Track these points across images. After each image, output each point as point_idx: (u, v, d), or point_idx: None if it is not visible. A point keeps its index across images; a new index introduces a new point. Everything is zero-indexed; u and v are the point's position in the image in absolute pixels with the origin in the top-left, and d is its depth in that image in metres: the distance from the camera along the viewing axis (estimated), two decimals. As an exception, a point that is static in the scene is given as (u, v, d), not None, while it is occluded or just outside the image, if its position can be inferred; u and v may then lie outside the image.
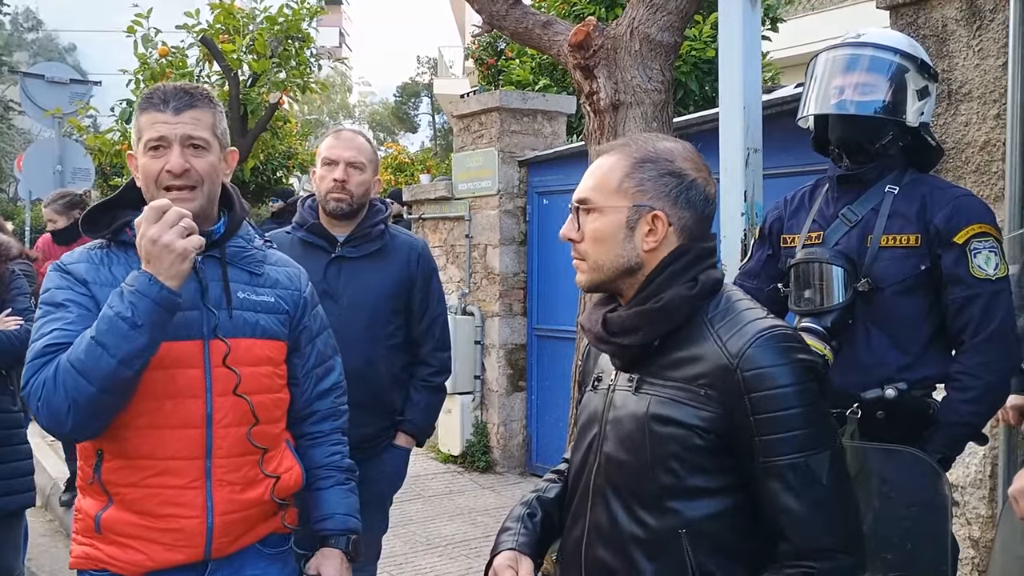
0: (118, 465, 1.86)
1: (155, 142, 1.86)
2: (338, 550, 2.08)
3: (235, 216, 2.01)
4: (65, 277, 1.87)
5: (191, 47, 7.29)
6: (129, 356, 1.70)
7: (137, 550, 1.85)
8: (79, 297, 1.84)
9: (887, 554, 2.15)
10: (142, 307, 1.69)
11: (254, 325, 1.96)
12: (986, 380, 2.30)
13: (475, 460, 6.84)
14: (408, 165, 16.45)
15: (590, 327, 1.65)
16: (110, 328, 1.69)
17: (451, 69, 29.66)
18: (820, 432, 1.47)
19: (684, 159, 1.60)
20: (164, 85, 1.92)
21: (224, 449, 1.89)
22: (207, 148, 1.90)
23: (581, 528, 1.65)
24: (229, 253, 1.97)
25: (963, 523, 3.41)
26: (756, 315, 1.53)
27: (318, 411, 2.14)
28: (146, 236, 1.71)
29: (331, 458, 2.15)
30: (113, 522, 1.86)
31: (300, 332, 2.08)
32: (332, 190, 2.92)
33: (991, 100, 3.35)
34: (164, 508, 1.85)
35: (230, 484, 1.89)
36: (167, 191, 1.85)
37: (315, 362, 2.13)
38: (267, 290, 2.01)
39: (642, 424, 1.55)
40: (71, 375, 1.70)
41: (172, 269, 1.71)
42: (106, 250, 1.93)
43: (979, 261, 2.31)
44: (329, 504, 2.11)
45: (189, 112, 1.88)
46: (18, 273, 3.63)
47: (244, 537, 1.95)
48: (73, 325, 1.79)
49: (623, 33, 3.50)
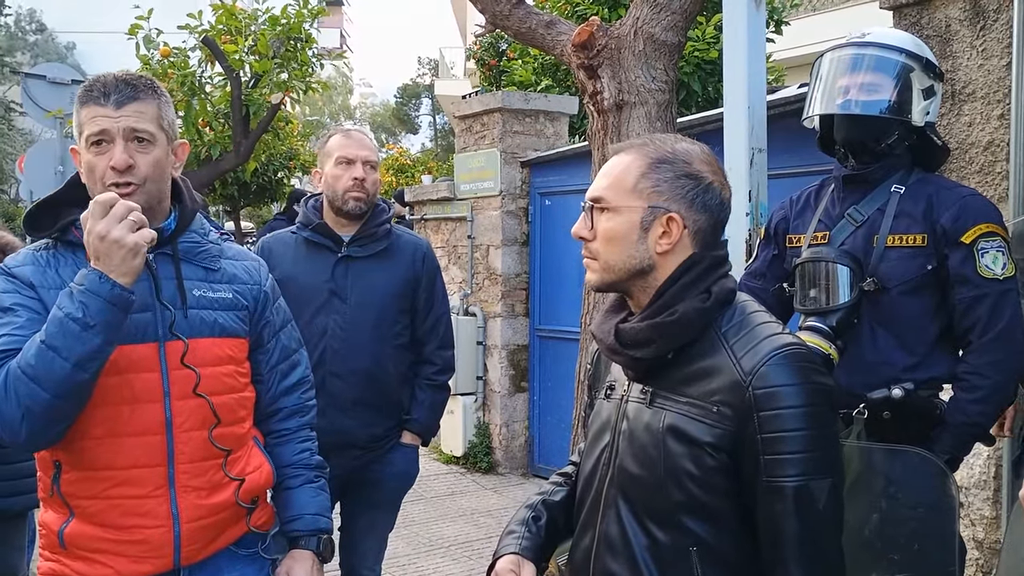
0: (77, 476, 1.78)
1: (97, 137, 1.77)
2: (309, 551, 2.02)
3: (186, 210, 1.92)
4: (11, 281, 1.77)
5: (193, 48, 7.28)
6: (83, 358, 1.61)
7: (104, 564, 1.79)
8: (27, 300, 1.75)
9: (894, 555, 2.14)
10: (94, 306, 1.61)
11: (212, 324, 1.88)
12: (994, 380, 2.29)
13: (477, 461, 6.84)
14: (409, 166, 16.46)
15: (602, 337, 1.63)
16: (61, 330, 1.60)
17: (452, 70, 29.66)
18: (825, 457, 1.45)
19: (701, 161, 1.58)
20: (104, 76, 1.81)
21: (187, 454, 1.82)
22: (152, 142, 1.80)
23: (591, 539, 1.63)
24: (182, 249, 1.89)
25: (967, 524, 3.40)
26: (771, 330, 1.51)
27: (284, 408, 2.08)
28: (94, 232, 1.62)
29: (299, 456, 2.09)
30: (77, 536, 1.79)
31: (262, 328, 2.02)
32: (352, 189, 2.92)
33: (995, 100, 3.34)
34: (127, 519, 1.78)
35: (195, 490, 1.83)
36: (114, 187, 1.75)
37: (279, 357, 2.06)
38: (224, 286, 1.93)
39: (656, 439, 1.53)
40: (23, 382, 1.61)
41: (124, 265, 1.63)
42: (52, 251, 1.83)
43: (986, 261, 2.31)
44: (298, 504, 2.05)
45: (132, 105, 1.78)
46: None
47: (215, 542, 1.90)
48: (22, 330, 1.69)
49: (627, 33, 3.50)
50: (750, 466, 1.46)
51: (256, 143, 7.62)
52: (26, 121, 24.11)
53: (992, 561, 3.31)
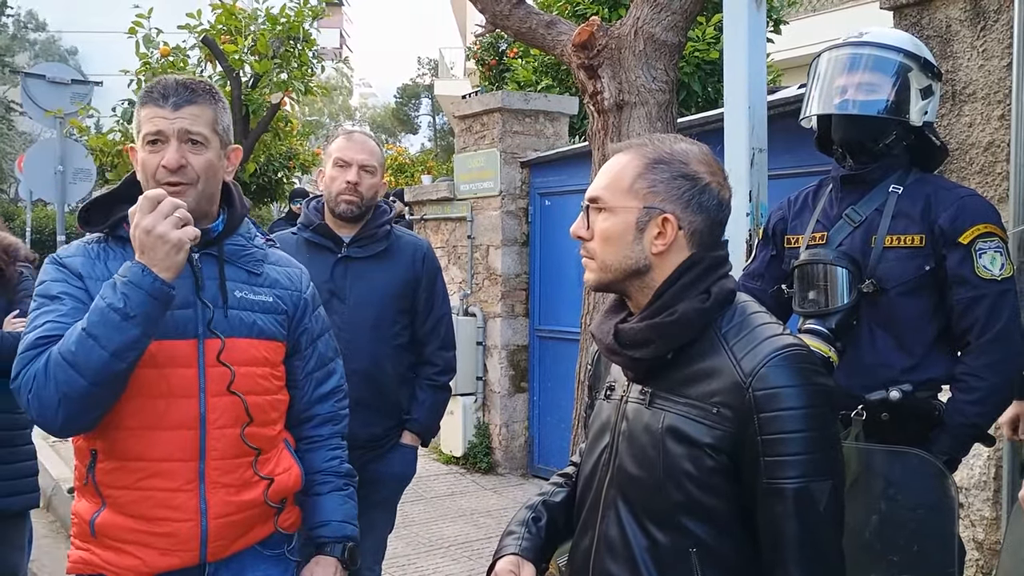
0: (112, 466, 1.82)
1: (153, 136, 1.83)
2: (333, 558, 2.04)
3: (235, 214, 1.97)
4: (61, 270, 1.84)
5: (193, 47, 7.28)
6: (121, 348, 1.65)
7: (132, 555, 1.81)
8: (74, 290, 1.81)
9: (893, 556, 2.15)
10: (135, 298, 1.65)
11: (251, 325, 1.92)
12: (992, 381, 2.29)
13: (477, 461, 6.84)
14: (409, 166, 16.46)
15: (602, 337, 1.63)
16: (102, 319, 1.65)
17: (452, 70, 29.67)
18: (825, 459, 1.45)
19: (699, 162, 1.58)
20: (165, 78, 1.88)
21: (218, 451, 1.85)
22: (205, 144, 1.85)
23: (590, 540, 1.63)
24: (227, 251, 1.93)
25: (967, 525, 3.40)
26: (771, 331, 1.51)
27: (318, 415, 2.10)
28: (140, 226, 1.67)
29: (329, 463, 2.11)
30: (108, 526, 1.82)
31: (300, 334, 2.04)
32: (344, 192, 2.93)
33: (995, 101, 3.34)
34: (157, 511, 1.81)
35: (225, 486, 1.86)
36: (166, 186, 1.80)
37: (315, 365, 2.09)
38: (266, 290, 1.97)
39: (656, 440, 1.53)
40: (62, 368, 1.66)
41: (167, 260, 1.67)
42: (103, 244, 1.89)
43: (984, 261, 2.30)
44: (326, 510, 2.07)
45: (188, 107, 1.84)
46: (26, 275, 3.63)
47: (241, 539, 1.92)
48: (66, 317, 1.75)
49: (627, 33, 3.50)
50: (750, 468, 1.46)
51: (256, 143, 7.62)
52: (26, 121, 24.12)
53: (992, 562, 3.31)
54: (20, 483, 3.32)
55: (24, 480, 3.35)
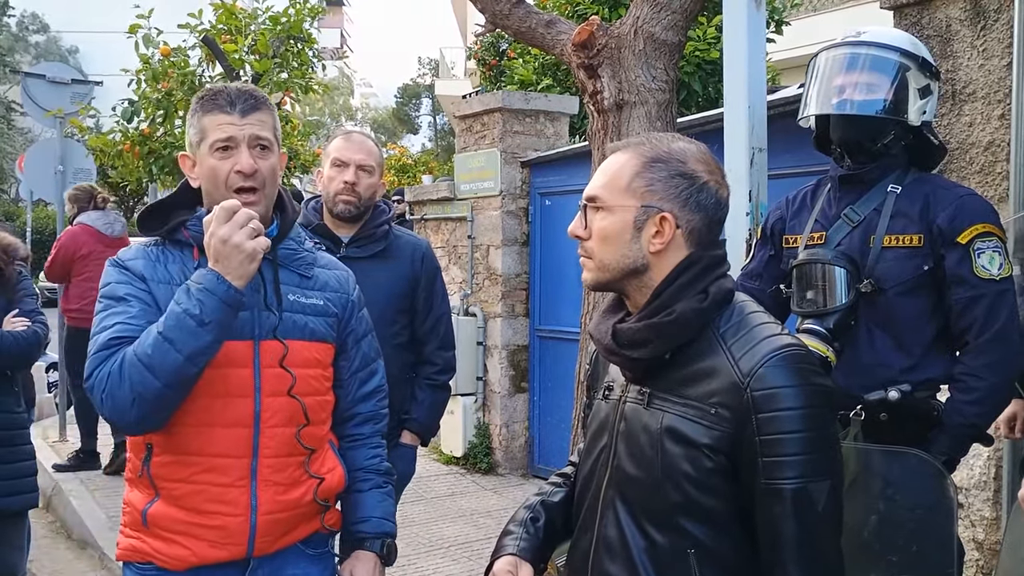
0: (167, 460, 1.88)
1: (223, 143, 1.88)
2: (372, 553, 2.08)
3: (287, 218, 2.03)
4: (124, 272, 1.90)
5: (193, 47, 7.27)
6: (196, 353, 1.73)
7: (182, 545, 1.88)
8: (139, 292, 1.87)
9: (892, 556, 2.14)
10: (210, 305, 1.73)
11: (303, 327, 1.97)
12: (990, 381, 2.29)
13: (477, 461, 6.83)
14: (410, 166, 16.47)
15: (599, 337, 1.62)
16: (178, 324, 1.72)
17: (452, 70, 29.68)
18: (824, 459, 1.45)
19: (697, 160, 1.57)
20: (227, 87, 1.94)
21: (271, 449, 1.91)
22: (271, 149, 1.93)
23: (589, 540, 1.63)
24: (281, 255, 1.98)
25: (967, 525, 3.39)
26: (770, 331, 1.50)
27: (360, 413, 2.15)
28: (216, 235, 1.74)
29: (371, 461, 2.16)
30: (159, 517, 1.88)
31: (347, 335, 2.10)
32: (342, 192, 2.92)
33: (995, 100, 3.34)
34: (210, 505, 1.87)
35: (275, 484, 1.91)
36: (237, 192, 1.87)
37: (359, 365, 2.14)
38: (317, 293, 2.03)
39: (654, 441, 1.53)
40: (137, 369, 1.73)
41: (240, 269, 1.75)
42: (161, 248, 1.96)
43: (983, 261, 2.30)
44: (366, 507, 2.12)
45: (255, 114, 1.90)
46: (26, 274, 3.63)
47: (286, 536, 1.97)
48: (135, 319, 1.82)
49: (627, 32, 3.49)
50: (748, 468, 1.45)
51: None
52: (26, 120, 24.13)
53: (992, 562, 3.31)
54: (19, 483, 3.33)
55: (23, 480, 3.35)
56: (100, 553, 4.95)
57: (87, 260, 6.33)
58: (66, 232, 6.47)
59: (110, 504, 5.55)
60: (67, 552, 5.20)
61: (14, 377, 3.43)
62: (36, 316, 3.51)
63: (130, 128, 7.12)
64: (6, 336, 3.36)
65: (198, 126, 1.92)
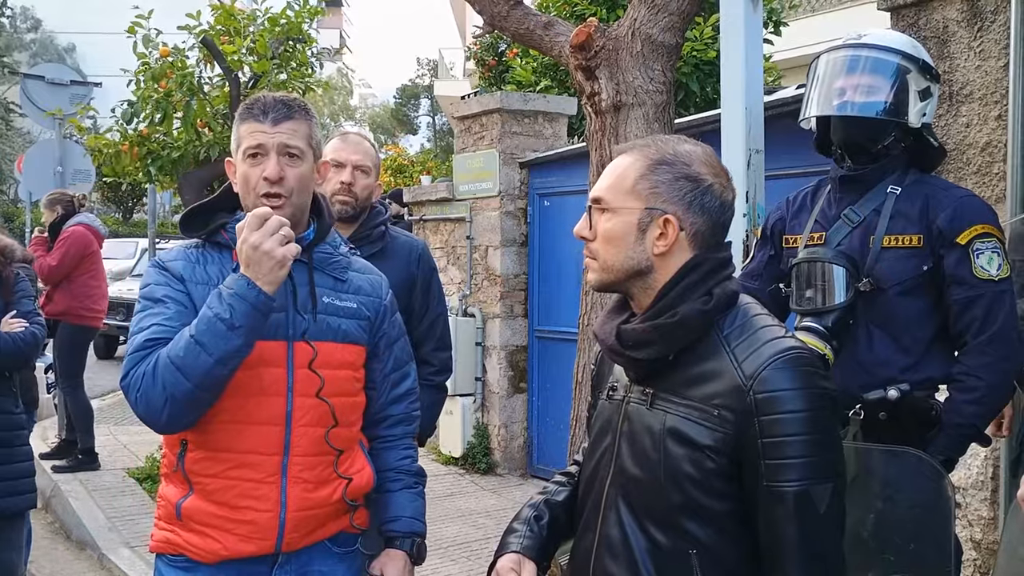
0: (201, 456, 1.93)
1: (253, 150, 1.93)
2: (403, 551, 2.11)
3: (324, 223, 2.06)
4: (163, 273, 1.95)
5: (192, 48, 7.26)
6: (226, 356, 1.77)
7: (214, 539, 1.92)
8: (176, 294, 1.92)
9: (890, 555, 2.15)
10: (240, 309, 1.77)
11: (336, 330, 2.00)
12: (989, 381, 2.29)
13: (476, 462, 6.84)
14: (408, 167, 16.46)
15: (604, 338, 1.63)
16: (209, 328, 1.77)
17: (451, 71, 29.66)
18: (826, 462, 1.45)
19: (702, 163, 1.58)
20: (264, 96, 1.99)
21: (301, 448, 1.94)
22: (301, 157, 1.95)
23: (591, 540, 1.64)
24: (316, 259, 2.02)
25: (965, 525, 3.40)
26: (773, 334, 1.51)
27: (392, 415, 2.18)
28: (248, 242, 1.78)
29: (402, 462, 2.18)
30: (193, 510, 1.93)
31: (380, 338, 2.13)
32: (338, 192, 2.92)
33: (992, 101, 3.35)
34: (241, 500, 1.91)
35: (304, 482, 1.94)
36: (265, 198, 1.91)
37: (392, 367, 2.17)
38: (351, 296, 2.06)
39: (657, 442, 1.53)
40: (170, 371, 1.78)
41: (271, 275, 1.79)
42: (201, 249, 2.00)
43: (982, 262, 2.31)
44: (397, 506, 2.15)
45: (286, 123, 1.94)
46: (23, 276, 3.63)
47: (314, 534, 2.00)
48: (171, 321, 1.87)
49: (624, 34, 3.50)
50: (751, 470, 1.46)
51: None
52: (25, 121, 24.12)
53: (990, 561, 3.32)
54: (18, 484, 3.32)
55: (22, 481, 3.35)
56: (99, 554, 4.95)
57: (93, 258, 6.42)
58: (72, 232, 6.47)
59: (109, 505, 5.55)
60: (66, 553, 5.19)
61: (12, 378, 3.44)
62: (34, 317, 3.51)
63: (129, 129, 7.11)
64: (3, 337, 3.36)
65: (236, 133, 1.98)
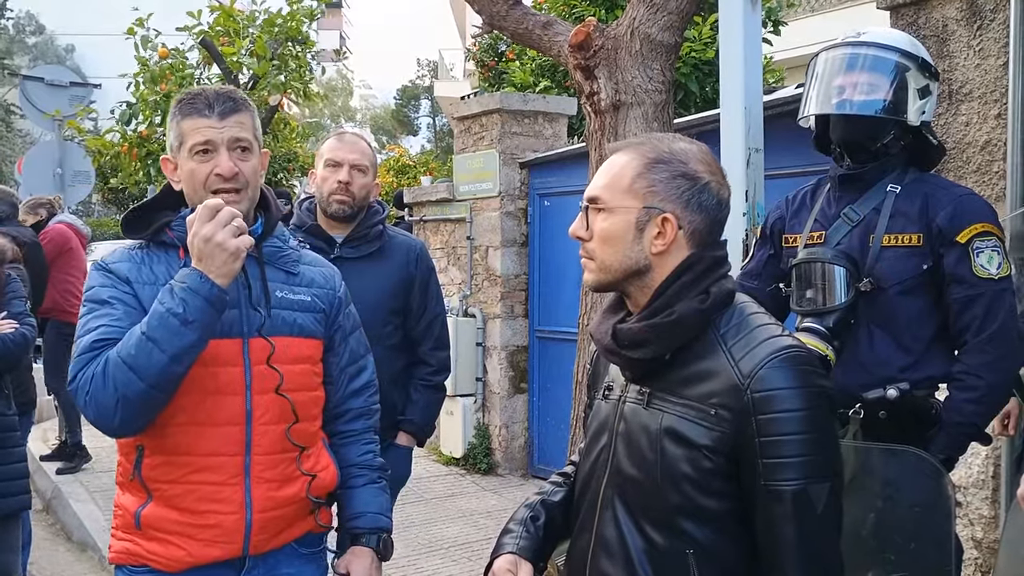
0: (159, 461, 1.87)
1: (202, 146, 1.88)
2: (369, 548, 2.08)
3: (271, 217, 2.03)
4: (108, 276, 1.89)
5: (191, 49, 7.28)
6: (180, 352, 1.72)
7: (177, 546, 1.87)
8: (123, 295, 1.86)
9: (890, 554, 2.15)
10: (193, 304, 1.72)
11: (292, 324, 1.97)
12: (989, 380, 2.29)
13: (477, 462, 6.83)
14: (410, 167, 16.46)
15: (600, 337, 1.62)
16: (161, 324, 1.72)
17: (451, 71, 29.68)
18: (824, 461, 1.45)
19: (699, 161, 1.57)
20: (204, 90, 1.93)
21: (263, 446, 1.90)
22: (251, 150, 1.93)
23: (587, 539, 1.63)
24: (266, 253, 1.99)
25: (966, 524, 3.40)
26: (770, 333, 1.50)
27: (351, 409, 2.15)
28: (199, 234, 1.73)
29: (363, 457, 2.15)
30: (153, 518, 1.87)
31: (335, 331, 2.10)
32: (336, 191, 2.92)
33: (992, 100, 3.34)
34: (203, 504, 1.86)
35: (268, 481, 1.91)
36: (215, 194, 1.86)
37: (348, 360, 2.14)
38: (304, 289, 2.03)
39: (653, 441, 1.53)
40: (121, 370, 1.72)
41: (224, 267, 1.74)
42: (146, 250, 1.95)
43: (982, 260, 2.31)
44: (361, 502, 2.12)
45: (234, 116, 1.90)
46: (14, 277, 3.62)
47: (281, 535, 1.97)
48: (120, 321, 1.81)
49: (623, 33, 3.50)
50: (748, 470, 1.45)
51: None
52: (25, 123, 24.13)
53: (990, 560, 3.31)
54: (11, 485, 3.30)
55: (15, 482, 3.33)
56: (100, 555, 4.95)
57: (72, 255, 6.44)
58: (50, 229, 6.51)
59: (110, 507, 5.54)
60: (67, 554, 5.19)
61: (3, 379, 3.42)
62: (24, 318, 3.50)
63: (128, 130, 7.12)
64: None
65: (177, 130, 1.92)
